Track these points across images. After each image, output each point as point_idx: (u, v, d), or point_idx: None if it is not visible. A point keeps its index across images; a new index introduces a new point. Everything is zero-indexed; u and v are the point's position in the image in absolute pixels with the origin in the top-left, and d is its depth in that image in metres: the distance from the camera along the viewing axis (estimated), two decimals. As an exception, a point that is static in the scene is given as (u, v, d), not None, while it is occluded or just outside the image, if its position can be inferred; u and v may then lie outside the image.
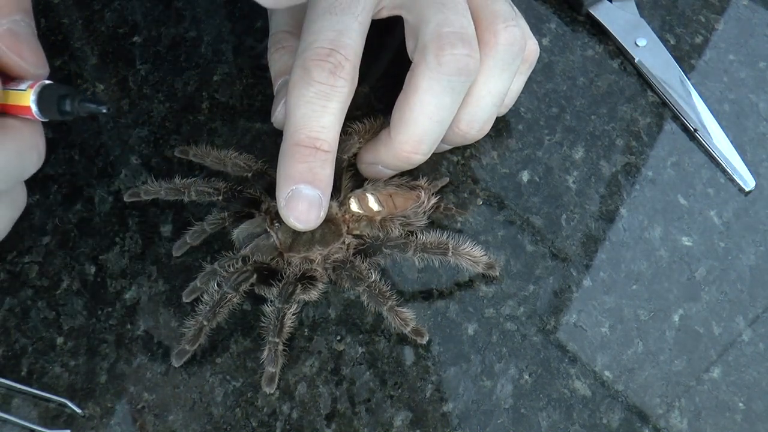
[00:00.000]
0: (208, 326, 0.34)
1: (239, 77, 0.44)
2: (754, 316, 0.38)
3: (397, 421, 0.35)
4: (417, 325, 0.36)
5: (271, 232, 0.37)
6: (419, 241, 0.36)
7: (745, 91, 0.45)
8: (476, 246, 0.37)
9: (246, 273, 0.35)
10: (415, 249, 0.36)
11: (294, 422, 0.35)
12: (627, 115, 0.44)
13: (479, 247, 0.37)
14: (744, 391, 0.36)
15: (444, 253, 0.36)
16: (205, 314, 0.34)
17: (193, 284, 0.35)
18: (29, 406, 0.35)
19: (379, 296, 0.35)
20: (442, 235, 0.37)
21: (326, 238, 0.37)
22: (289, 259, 0.37)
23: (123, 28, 0.46)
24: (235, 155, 0.38)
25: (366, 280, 0.35)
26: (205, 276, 0.35)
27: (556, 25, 0.47)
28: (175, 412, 0.35)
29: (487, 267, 0.37)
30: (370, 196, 0.38)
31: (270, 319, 0.34)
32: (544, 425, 0.35)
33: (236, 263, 0.35)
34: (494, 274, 0.38)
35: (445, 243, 0.36)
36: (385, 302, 0.35)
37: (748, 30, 0.47)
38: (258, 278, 0.35)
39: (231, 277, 0.34)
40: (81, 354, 0.36)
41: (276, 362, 0.34)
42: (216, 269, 0.35)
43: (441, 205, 0.39)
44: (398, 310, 0.35)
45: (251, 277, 0.35)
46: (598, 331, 0.37)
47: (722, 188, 0.42)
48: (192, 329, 0.35)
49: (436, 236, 0.36)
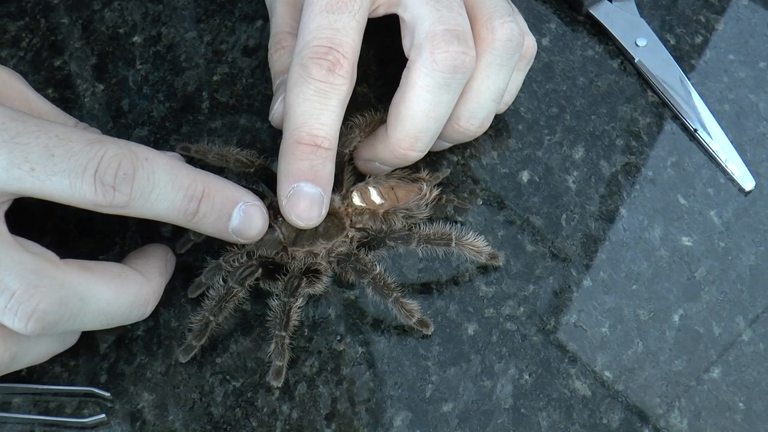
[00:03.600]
0: (214, 321, 0.34)
1: (239, 77, 0.44)
2: (754, 316, 0.38)
3: (397, 421, 0.35)
4: (422, 316, 0.36)
5: (275, 227, 0.36)
6: (422, 233, 0.36)
7: (745, 91, 0.45)
8: (479, 236, 0.37)
9: (251, 267, 0.35)
10: (419, 240, 0.36)
11: (294, 422, 0.35)
12: (627, 115, 0.44)
13: (481, 237, 0.37)
14: (744, 391, 0.36)
15: (447, 244, 0.36)
16: (210, 309, 0.34)
17: (198, 280, 0.36)
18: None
19: (384, 288, 0.35)
20: (445, 226, 0.37)
21: (330, 232, 0.37)
22: (293, 253, 0.37)
23: (123, 28, 0.46)
24: (236, 151, 0.38)
25: (371, 273, 0.35)
26: (210, 271, 0.35)
27: (556, 25, 0.47)
28: (175, 412, 0.35)
29: (490, 257, 0.38)
30: (372, 190, 0.38)
31: (276, 312, 0.34)
32: (544, 425, 0.35)
33: (241, 258, 0.35)
34: (497, 263, 0.38)
35: (448, 234, 0.36)
36: (390, 294, 0.35)
37: (748, 30, 0.47)
38: (263, 272, 0.35)
39: (236, 272, 0.34)
40: (81, 354, 0.36)
41: (283, 356, 0.34)
42: (221, 264, 0.35)
43: (443, 197, 0.39)
44: (403, 301, 0.35)
45: (256, 271, 0.35)
46: (598, 331, 0.37)
47: (722, 188, 0.42)
48: (198, 324, 0.34)
49: (439, 227, 0.36)
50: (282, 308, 0.34)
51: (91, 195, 0.30)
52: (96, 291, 0.32)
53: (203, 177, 0.33)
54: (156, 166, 0.32)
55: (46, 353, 0.34)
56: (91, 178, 0.30)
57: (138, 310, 0.34)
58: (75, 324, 0.32)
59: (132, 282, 0.33)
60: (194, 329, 0.35)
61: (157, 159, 0.32)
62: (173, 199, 0.32)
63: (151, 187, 0.32)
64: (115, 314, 0.33)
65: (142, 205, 0.32)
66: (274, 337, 0.34)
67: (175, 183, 0.32)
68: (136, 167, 0.31)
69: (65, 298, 0.31)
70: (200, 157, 0.39)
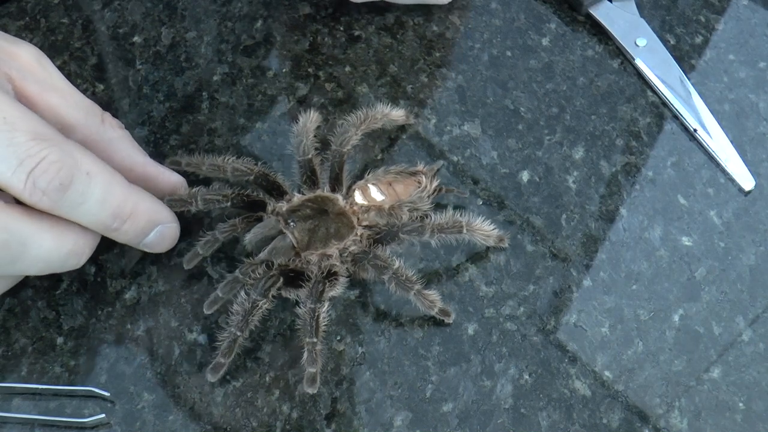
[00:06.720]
0: (241, 337, 0.34)
1: (239, 77, 0.44)
2: (754, 316, 0.38)
3: (397, 421, 0.35)
4: (444, 306, 0.36)
5: (287, 232, 0.36)
6: (435, 223, 0.36)
7: (745, 91, 0.45)
8: (485, 221, 0.37)
9: (273, 278, 0.34)
10: (432, 231, 0.36)
11: (294, 422, 0.35)
12: (627, 115, 0.44)
13: (488, 221, 0.37)
14: (744, 391, 0.36)
15: (459, 231, 0.36)
16: (237, 325, 0.34)
17: (214, 294, 0.34)
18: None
19: (407, 282, 0.35)
20: (455, 214, 0.37)
21: (341, 232, 0.37)
22: (307, 257, 0.36)
23: (123, 28, 0.46)
24: (232, 159, 0.38)
25: (391, 268, 0.35)
26: (227, 285, 0.34)
27: (556, 25, 0.47)
28: (175, 412, 0.35)
29: (497, 240, 0.38)
30: (372, 187, 0.38)
31: (305, 320, 0.34)
32: (544, 425, 0.35)
33: (258, 269, 0.35)
34: (503, 245, 0.39)
35: (459, 221, 0.36)
36: (413, 287, 0.35)
37: (748, 30, 0.47)
38: (284, 281, 0.35)
39: (258, 284, 0.34)
40: (81, 354, 0.36)
41: (316, 362, 0.34)
42: (238, 277, 0.34)
43: (443, 188, 0.40)
44: (425, 293, 0.35)
45: (278, 280, 0.34)
46: (598, 331, 0.37)
47: (722, 188, 0.42)
48: (226, 341, 0.34)
49: (448, 216, 0.37)
50: (311, 315, 0.34)
51: (18, 189, 0.30)
52: (37, 238, 0.32)
53: (135, 197, 0.34)
54: (94, 182, 0.32)
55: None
56: (24, 175, 0.30)
57: (73, 260, 0.34)
58: (14, 268, 0.32)
59: (71, 231, 0.33)
60: (222, 347, 0.34)
61: (98, 176, 0.32)
62: (99, 215, 0.33)
63: (81, 202, 0.32)
64: (52, 262, 0.33)
65: (66, 213, 0.32)
66: (305, 345, 0.34)
67: (106, 202, 0.33)
68: (74, 180, 0.31)
69: (8, 242, 0.31)
70: (193, 170, 0.39)
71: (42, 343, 0.36)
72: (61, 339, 0.37)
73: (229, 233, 0.36)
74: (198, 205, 0.37)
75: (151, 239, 0.36)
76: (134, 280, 0.38)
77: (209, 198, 0.37)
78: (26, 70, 0.34)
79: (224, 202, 0.37)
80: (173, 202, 0.37)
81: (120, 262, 0.38)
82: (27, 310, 0.37)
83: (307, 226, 0.37)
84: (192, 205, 0.37)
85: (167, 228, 0.36)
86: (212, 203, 0.37)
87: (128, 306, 0.37)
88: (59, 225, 0.33)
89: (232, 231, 0.36)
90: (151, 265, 0.38)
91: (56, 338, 0.36)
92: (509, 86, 0.44)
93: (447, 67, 0.45)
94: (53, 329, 0.37)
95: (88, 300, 0.37)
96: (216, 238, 0.36)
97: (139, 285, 0.38)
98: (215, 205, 0.37)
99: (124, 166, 0.36)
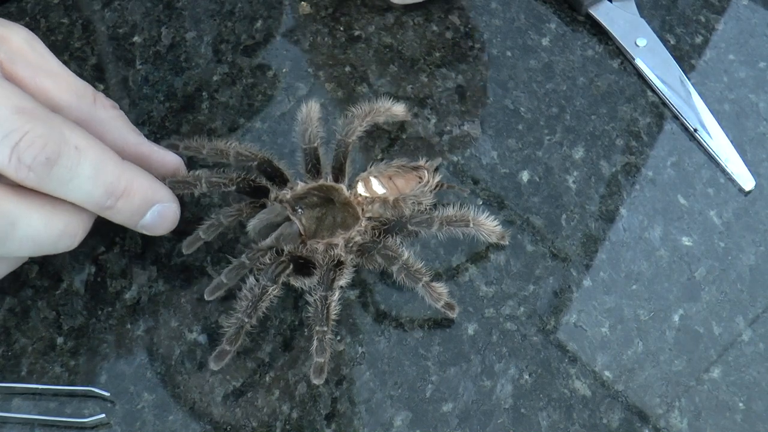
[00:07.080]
0: (248, 323, 0.33)
1: (239, 77, 0.44)
2: (754, 316, 0.38)
3: (397, 421, 0.35)
4: (450, 300, 0.36)
5: (294, 219, 0.35)
6: (443, 215, 0.36)
7: (745, 91, 0.45)
8: (489, 216, 0.37)
9: (283, 263, 0.34)
10: (441, 223, 0.36)
11: (294, 422, 0.35)
12: (627, 115, 0.44)
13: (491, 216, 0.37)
14: (744, 391, 0.36)
15: (466, 225, 0.36)
16: (244, 311, 0.33)
17: (218, 280, 0.34)
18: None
19: (416, 273, 0.35)
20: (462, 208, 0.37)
21: (347, 222, 0.37)
22: (313, 245, 0.36)
23: (123, 28, 0.46)
24: (235, 144, 0.37)
25: (400, 258, 0.35)
26: (232, 270, 0.34)
27: (556, 25, 0.47)
28: (175, 412, 0.35)
29: (499, 236, 0.38)
30: (374, 180, 0.38)
31: (315, 307, 0.33)
32: (544, 425, 0.35)
33: (266, 255, 0.34)
34: (504, 243, 0.39)
35: (466, 215, 0.36)
36: (421, 278, 0.35)
37: (748, 30, 0.47)
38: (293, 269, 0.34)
39: (269, 269, 0.33)
40: (81, 354, 0.36)
41: (325, 352, 0.33)
42: (244, 262, 0.34)
43: (444, 184, 0.40)
44: (433, 285, 0.35)
45: (288, 267, 0.34)
46: (598, 331, 0.37)
47: (722, 188, 0.42)
48: (232, 328, 0.33)
49: (456, 209, 0.37)
50: (322, 302, 0.33)
51: (2, 165, 0.29)
52: (26, 216, 0.31)
53: (129, 174, 0.33)
54: (84, 157, 0.31)
55: None
56: (8, 149, 0.29)
57: (66, 241, 0.33)
58: (4, 248, 0.31)
59: (62, 210, 0.32)
60: (228, 333, 0.33)
61: (87, 150, 0.31)
62: (91, 193, 0.32)
63: (70, 178, 0.30)
64: (43, 243, 0.32)
65: (55, 189, 0.31)
66: (314, 333, 0.33)
67: (98, 178, 0.31)
68: (61, 154, 0.30)
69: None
70: (192, 154, 0.38)
71: (42, 343, 0.36)
72: (61, 339, 0.37)
73: (235, 218, 0.35)
74: (203, 188, 0.36)
75: (148, 220, 0.34)
76: (134, 280, 0.38)
77: (215, 181, 0.36)
78: (16, 53, 0.33)
79: (230, 185, 0.36)
80: (176, 183, 0.36)
81: (120, 262, 0.38)
82: (27, 310, 0.37)
83: (315, 214, 0.36)
84: (196, 188, 0.36)
85: (165, 208, 0.35)
86: (217, 186, 0.36)
87: (128, 306, 0.37)
88: (49, 204, 0.32)
89: (238, 215, 0.35)
90: (152, 265, 0.38)
91: (56, 338, 0.37)
92: (509, 86, 0.44)
93: (447, 67, 0.45)
94: (53, 329, 0.37)
95: (88, 300, 0.37)
96: (220, 222, 0.35)
97: (139, 285, 0.38)
98: (220, 188, 0.36)
99: (116, 145, 0.34)
